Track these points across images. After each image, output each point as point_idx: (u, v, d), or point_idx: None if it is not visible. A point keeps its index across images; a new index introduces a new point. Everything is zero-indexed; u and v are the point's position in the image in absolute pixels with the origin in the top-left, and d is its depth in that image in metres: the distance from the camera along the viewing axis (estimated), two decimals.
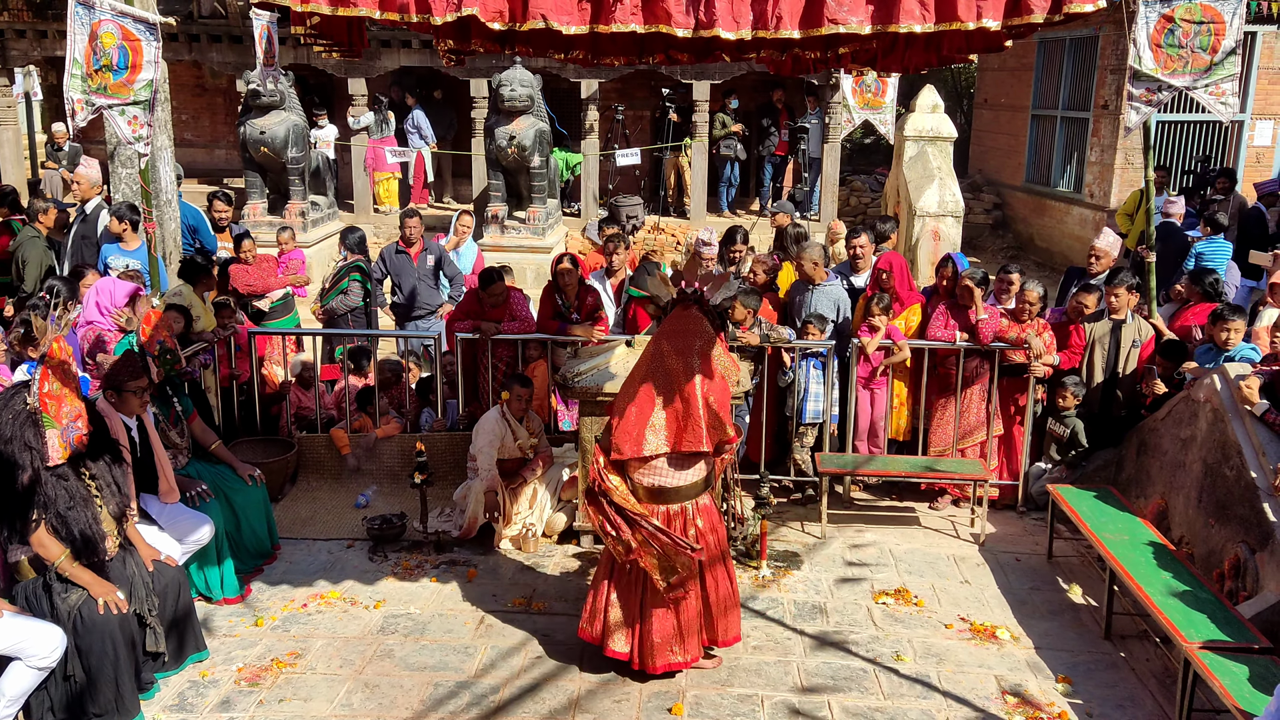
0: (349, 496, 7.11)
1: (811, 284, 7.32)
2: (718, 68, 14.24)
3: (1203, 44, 5.79)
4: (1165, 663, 5.15)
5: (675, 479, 4.76)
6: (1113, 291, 6.87)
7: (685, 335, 4.72)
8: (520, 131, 12.89)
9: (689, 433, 4.66)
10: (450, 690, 4.89)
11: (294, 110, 13.22)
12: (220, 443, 6.19)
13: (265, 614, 5.57)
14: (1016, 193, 16.14)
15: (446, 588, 5.92)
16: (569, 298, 7.34)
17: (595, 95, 15.09)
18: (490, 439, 6.40)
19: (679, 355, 4.67)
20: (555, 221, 14.26)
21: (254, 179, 13.47)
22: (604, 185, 15.78)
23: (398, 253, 9.02)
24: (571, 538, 6.52)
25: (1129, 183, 13.00)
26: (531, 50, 5.97)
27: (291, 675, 5.00)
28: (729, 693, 4.89)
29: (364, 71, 14.91)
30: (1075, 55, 14.30)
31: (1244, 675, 4.32)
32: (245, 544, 5.98)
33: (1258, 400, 5.48)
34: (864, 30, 3.98)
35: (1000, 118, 16.89)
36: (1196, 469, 5.89)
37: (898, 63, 5.78)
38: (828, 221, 13.75)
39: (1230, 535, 5.46)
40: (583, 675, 5.04)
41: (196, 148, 17.71)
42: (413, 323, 8.89)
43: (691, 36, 4.02)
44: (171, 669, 4.95)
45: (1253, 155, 13.08)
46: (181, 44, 14.82)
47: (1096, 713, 4.80)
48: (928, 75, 14.23)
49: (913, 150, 11.22)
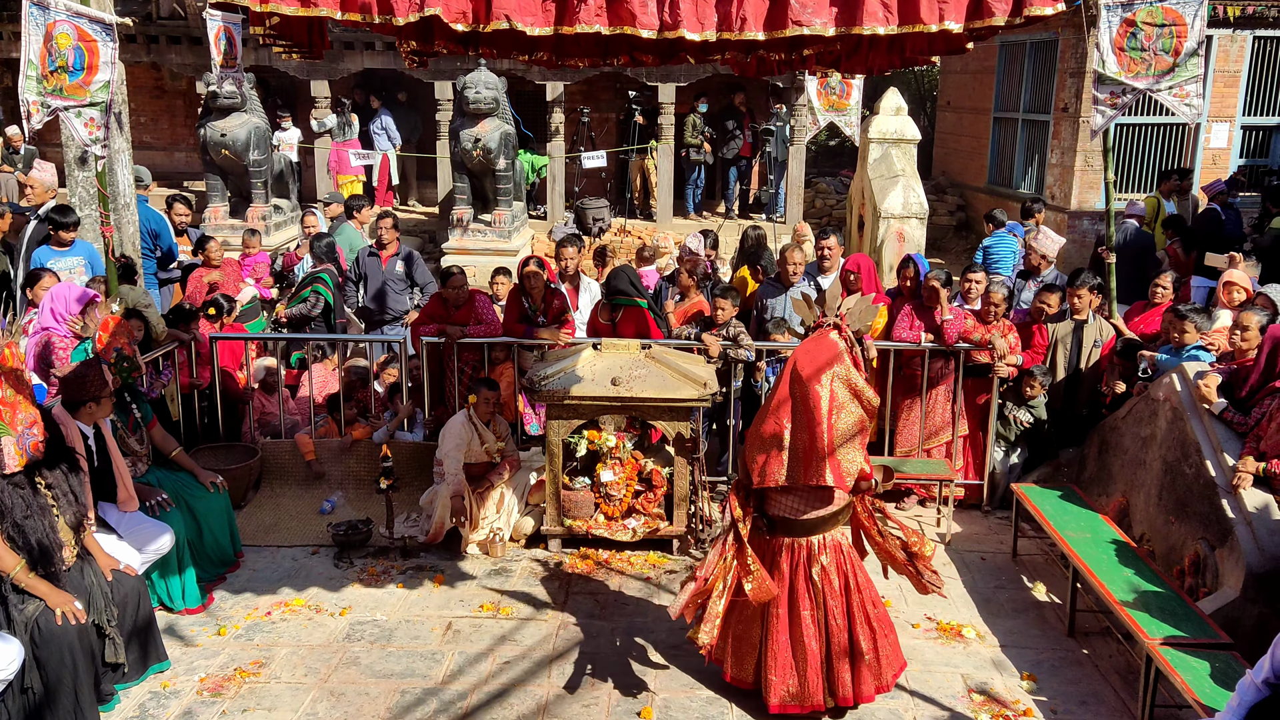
0: (313, 503, 7.03)
1: (788, 284, 7.38)
2: (683, 70, 14.27)
3: (1165, 46, 5.87)
4: (1128, 659, 5.20)
5: (798, 511, 4.48)
6: (1075, 293, 6.96)
7: (817, 361, 4.41)
8: (485, 134, 12.84)
9: (813, 465, 4.34)
10: (417, 697, 4.85)
11: (255, 112, 13.09)
12: (181, 449, 6.10)
13: (228, 623, 5.49)
14: (979, 194, 16.30)
15: (413, 593, 5.87)
16: (535, 301, 7.31)
17: (561, 98, 15.06)
18: (457, 443, 6.36)
19: (809, 382, 4.36)
20: (521, 224, 14.21)
21: (215, 182, 13.31)
22: (570, 188, 15.76)
23: (369, 255, 8.95)
24: (539, 542, 6.48)
25: (1089, 185, 13.17)
26: (495, 52, 5.94)
27: (255, 685, 4.93)
28: (698, 695, 4.88)
29: (327, 73, 14.79)
30: (1036, 59, 14.47)
31: (1205, 671, 4.38)
32: (207, 552, 5.90)
33: (1216, 399, 5.56)
34: (828, 32, 4.00)
35: (963, 120, 17.06)
36: (1157, 467, 5.96)
37: (861, 64, 5.82)
38: (793, 224, 13.82)
39: (1190, 532, 5.53)
40: (551, 680, 5.01)
41: (156, 150, 17.47)
42: (379, 328, 8.81)
43: (656, 38, 4.02)
44: (132, 680, 4.86)
45: (1209, 157, 13.30)
46: (140, 45, 14.62)
47: (1061, 709, 4.84)
48: (891, 78, 14.36)
49: (877, 152, 11.28)
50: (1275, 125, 13.28)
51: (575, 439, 6.32)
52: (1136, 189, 13.25)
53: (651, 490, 6.38)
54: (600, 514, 6.38)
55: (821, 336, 4.49)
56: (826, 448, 4.30)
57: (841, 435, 4.34)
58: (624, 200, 15.90)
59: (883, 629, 4.65)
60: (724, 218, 15.54)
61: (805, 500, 4.47)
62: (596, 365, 6.33)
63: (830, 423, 4.32)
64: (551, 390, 6.14)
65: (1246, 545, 5.02)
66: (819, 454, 4.30)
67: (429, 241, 14.67)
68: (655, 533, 6.34)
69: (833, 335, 4.48)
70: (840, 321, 4.54)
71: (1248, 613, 4.96)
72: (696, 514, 6.46)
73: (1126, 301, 7.85)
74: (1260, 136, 13.38)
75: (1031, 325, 7.10)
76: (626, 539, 6.32)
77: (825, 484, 4.33)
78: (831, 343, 4.45)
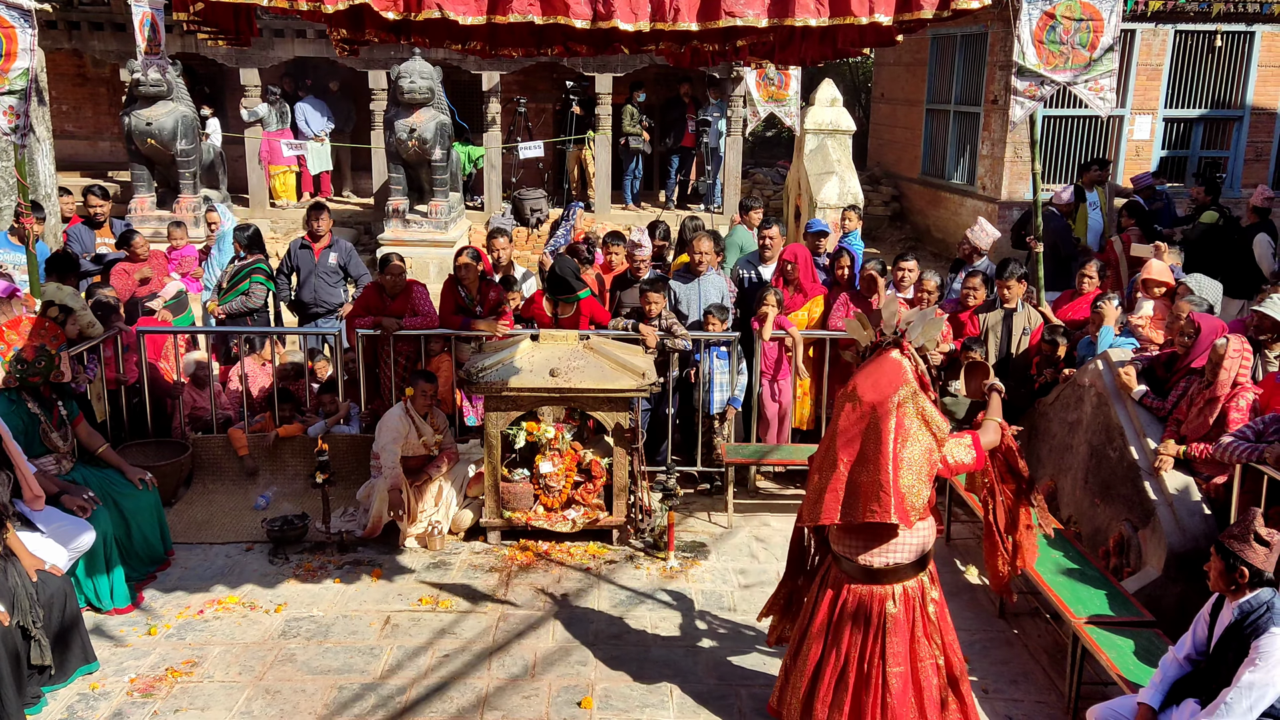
0: (247, 499, 6.92)
1: (697, 273, 7.37)
2: (620, 60, 14.25)
3: (1082, 40, 6.01)
4: (1055, 638, 5.34)
5: (859, 553, 4.03)
6: (1004, 284, 7.11)
7: (880, 386, 3.94)
8: (421, 124, 12.70)
9: (876, 501, 3.86)
10: (355, 693, 4.80)
11: (183, 101, 12.78)
12: (108, 446, 5.96)
13: (159, 622, 5.38)
14: (913, 185, 16.54)
15: (350, 588, 5.81)
16: (471, 292, 7.26)
17: (497, 88, 14.95)
18: (394, 436, 6.30)
19: (871, 410, 3.91)
20: (458, 215, 14.09)
21: (141, 172, 12.98)
22: (507, 178, 15.66)
23: (301, 247, 8.81)
24: (478, 534, 6.46)
25: (1018, 175, 13.43)
26: (428, 41, 5.87)
27: (188, 684, 4.84)
28: (638, 684, 4.91)
29: (257, 61, 14.49)
30: (966, 51, 14.70)
31: (1129, 648, 4.52)
32: (136, 550, 5.77)
33: (1136, 386, 5.72)
34: (761, 23, 4.02)
35: (897, 112, 17.27)
36: (1083, 451, 6.12)
37: (794, 55, 5.86)
38: (730, 215, 13.89)
39: (1115, 514, 5.69)
40: (491, 673, 5.00)
41: (78, 139, 16.95)
42: (311, 321, 8.68)
43: (590, 28, 4.00)
44: (59, 682, 4.75)
45: (1132, 149, 13.63)
46: (61, 31, 14.18)
47: (992, 689, 4.96)
48: (826, 69, 14.51)
49: (813, 143, 11.41)
50: (1196, 118, 13.67)
51: (514, 431, 6.30)
52: (1063, 180, 13.54)
53: (591, 481, 6.39)
54: (539, 505, 6.37)
55: (883, 358, 4.04)
56: (890, 481, 3.84)
57: (908, 467, 3.89)
58: (562, 191, 15.84)
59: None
60: (662, 208, 15.56)
61: (870, 539, 4.01)
62: (535, 356, 6.31)
63: (896, 453, 3.87)
64: (489, 382, 6.11)
65: (1168, 526, 5.18)
66: (883, 488, 3.85)
67: (364, 233, 14.47)
68: (595, 523, 6.35)
69: (894, 354, 4.02)
70: (901, 338, 4.07)
71: (1169, 591, 5.13)
72: (636, 504, 6.49)
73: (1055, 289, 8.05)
74: (1181, 129, 13.76)
75: (961, 314, 7.23)
76: (566, 530, 6.32)
77: (889, 520, 3.86)
78: (895, 363, 3.98)
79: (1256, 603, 3.65)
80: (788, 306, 7.28)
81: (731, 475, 6.80)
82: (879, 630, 4.03)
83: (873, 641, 4.04)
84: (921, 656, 4.05)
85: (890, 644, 4.01)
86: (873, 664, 4.03)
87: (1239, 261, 9.01)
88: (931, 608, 4.09)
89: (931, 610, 4.09)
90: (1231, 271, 8.81)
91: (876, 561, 4.01)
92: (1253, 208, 9.35)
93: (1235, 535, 3.74)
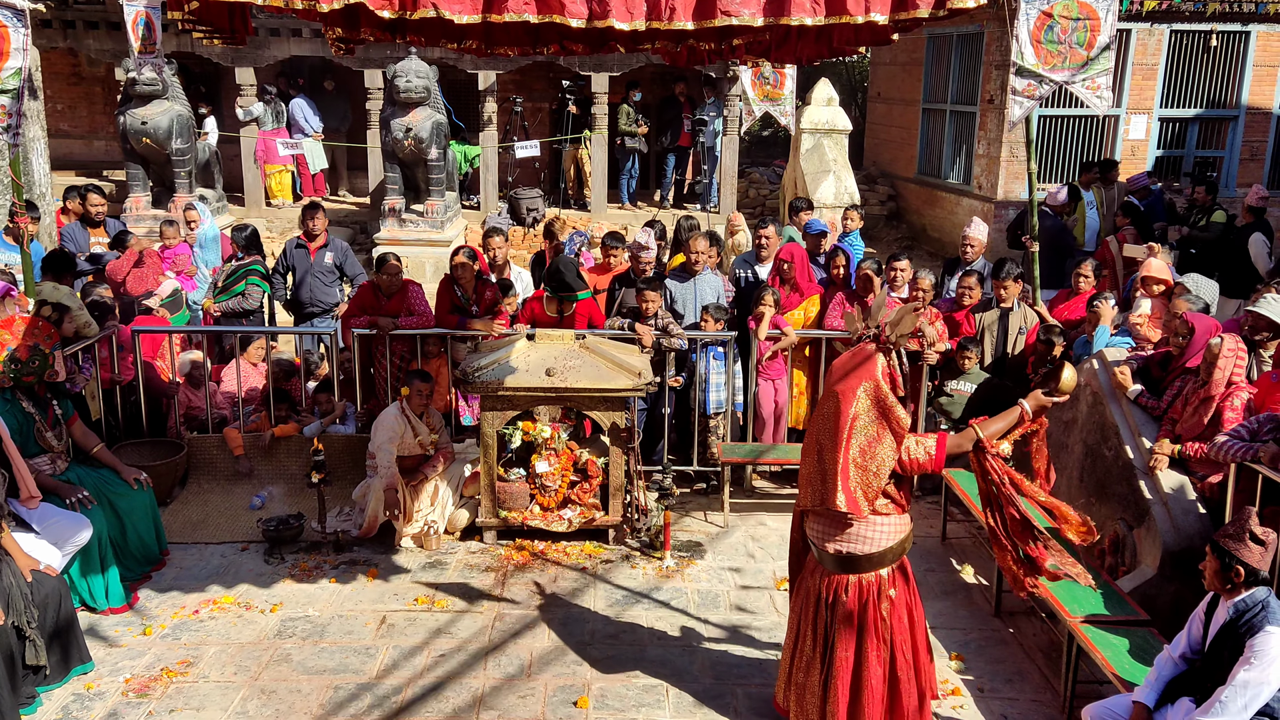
0: (243, 498, 6.90)
1: (694, 273, 7.38)
2: (616, 59, 14.24)
3: (1079, 40, 6.02)
4: (1051, 637, 5.35)
5: (825, 540, 4.16)
6: (1001, 284, 7.12)
7: (846, 377, 4.07)
8: (417, 123, 12.68)
9: (828, 490, 4.00)
10: (351, 693, 4.80)
11: (178, 100, 12.75)
12: (103, 445, 5.95)
13: (154, 622, 5.37)
14: (909, 184, 16.55)
15: (346, 588, 5.80)
16: (467, 291, 7.26)
17: (493, 87, 14.93)
18: (390, 436, 6.29)
19: (837, 396, 4.04)
20: (454, 214, 14.07)
21: (136, 171, 12.94)
22: (503, 178, 15.64)
23: (297, 246, 8.79)
24: (474, 534, 6.45)
25: (1014, 175, 13.44)
26: (424, 40, 5.87)
27: (183, 684, 4.83)
28: (634, 684, 4.91)
29: (252, 60, 14.46)
30: (962, 51, 14.71)
31: (1124, 647, 4.52)
32: (131, 550, 5.76)
33: (1131, 385, 5.73)
34: (756, 22, 4.02)
35: (893, 111, 17.28)
36: (1078, 450, 6.13)
37: (790, 54, 5.87)
38: (727, 213, 13.89)
39: (1110, 513, 5.70)
40: (487, 673, 4.99)
41: (74, 139, 16.91)
42: (307, 321, 8.66)
43: (585, 27, 4.00)
44: (54, 682, 4.74)
45: (1128, 149, 13.65)
46: (55, 30, 14.14)
47: (987, 687, 4.96)
48: (822, 68, 14.51)
49: (809, 143, 11.40)
50: (1191, 117, 13.69)
51: (510, 430, 6.29)
52: (1059, 179, 13.55)
53: (587, 480, 6.38)
54: (536, 505, 6.36)
55: (859, 350, 4.14)
56: (840, 470, 3.95)
57: (859, 457, 3.97)
58: (558, 190, 15.83)
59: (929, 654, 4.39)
60: (659, 207, 15.56)
61: (833, 526, 4.12)
62: (531, 356, 6.30)
63: (848, 443, 3.96)
64: (485, 381, 6.11)
65: (1163, 525, 5.18)
66: (834, 475, 3.97)
67: (360, 232, 14.44)
68: (591, 523, 6.35)
69: (870, 348, 4.11)
70: (880, 332, 4.13)
71: (1164, 590, 5.13)
72: (632, 503, 6.49)
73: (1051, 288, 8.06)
74: (1176, 128, 13.78)
75: (956, 314, 7.24)
76: (562, 530, 6.32)
77: (837, 509, 3.97)
78: (868, 356, 4.07)
79: (1251, 601, 3.66)
80: (784, 305, 7.28)
81: (727, 475, 6.80)
82: (833, 616, 4.18)
83: (827, 626, 4.20)
84: (867, 651, 4.14)
85: (839, 631, 4.15)
86: (830, 649, 4.19)
87: (1235, 261, 9.03)
88: (885, 605, 4.14)
89: (884, 608, 4.14)
90: (1227, 271, 8.84)
91: (831, 548, 4.15)
92: (1248, 207, 9.37)
93: (1230, 534, 3.75)
